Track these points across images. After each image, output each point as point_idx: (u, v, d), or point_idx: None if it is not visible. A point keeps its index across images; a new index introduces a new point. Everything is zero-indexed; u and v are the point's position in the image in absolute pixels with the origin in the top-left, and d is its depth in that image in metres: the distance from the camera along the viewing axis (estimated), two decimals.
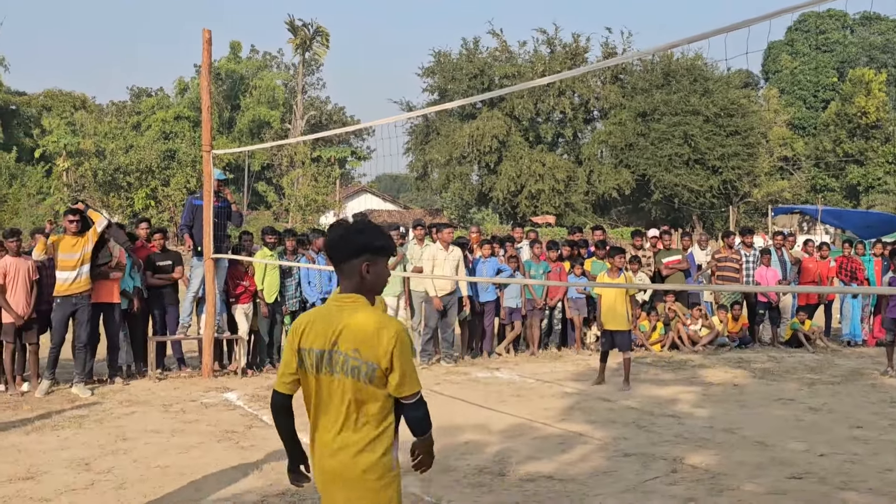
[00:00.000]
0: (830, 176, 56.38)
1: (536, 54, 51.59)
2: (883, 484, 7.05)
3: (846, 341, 15.97)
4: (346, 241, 3.67)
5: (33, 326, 11.32)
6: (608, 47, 50.25)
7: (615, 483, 7.08)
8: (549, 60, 50.18)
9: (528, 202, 48.64)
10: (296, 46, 55.97)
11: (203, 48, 12.44)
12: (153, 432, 8.92)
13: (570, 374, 12.63)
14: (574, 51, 50.73)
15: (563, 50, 50.93)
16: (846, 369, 13.17)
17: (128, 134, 48.48)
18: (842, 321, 16.45)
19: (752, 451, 8.15)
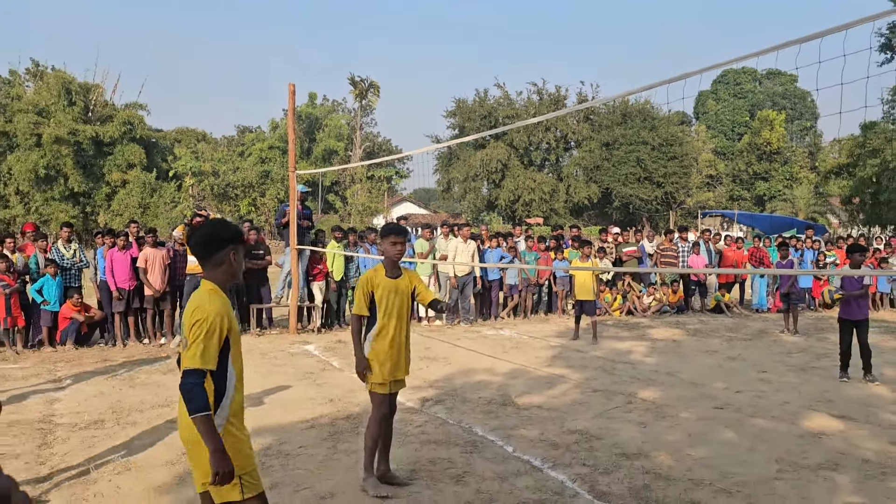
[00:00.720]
0: (744, 189, 55.89)
1: (529, 100, 51.37)
2: (783, 412, 7.00)
3: (755, 309, 15.85)
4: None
5: (167, 297, 11.42)
6: (581, 95, 49.97)
7: (587, 411, 7.07)
8: (539, 105, 50.02)
9: (524, 208, 48.64)
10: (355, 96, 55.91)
11: (289, 97, 12.45)
12: (254, 373, 8.96)
13: (554, 332, 12.61)
14: (556, 98, 50.51)
15: (548, 97, 50.70)
16: (755, 329, 13.07)
17: (235, 159, 48.61)
18: (752, 294, 16.34)
19: (687, 388, 8.11)
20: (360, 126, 56.66)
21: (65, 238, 11.46)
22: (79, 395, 7.80)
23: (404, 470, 5.33)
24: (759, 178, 55.08)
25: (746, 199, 54.89)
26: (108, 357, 10.13)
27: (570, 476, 5.22)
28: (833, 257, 16.32)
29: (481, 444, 5.97)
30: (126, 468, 5.44)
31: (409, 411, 7.08)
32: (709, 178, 56.85)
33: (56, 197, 43.07)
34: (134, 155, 44.43)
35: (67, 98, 44.09)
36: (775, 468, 5.37)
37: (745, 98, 68.33)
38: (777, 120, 54.20)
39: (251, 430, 6.36)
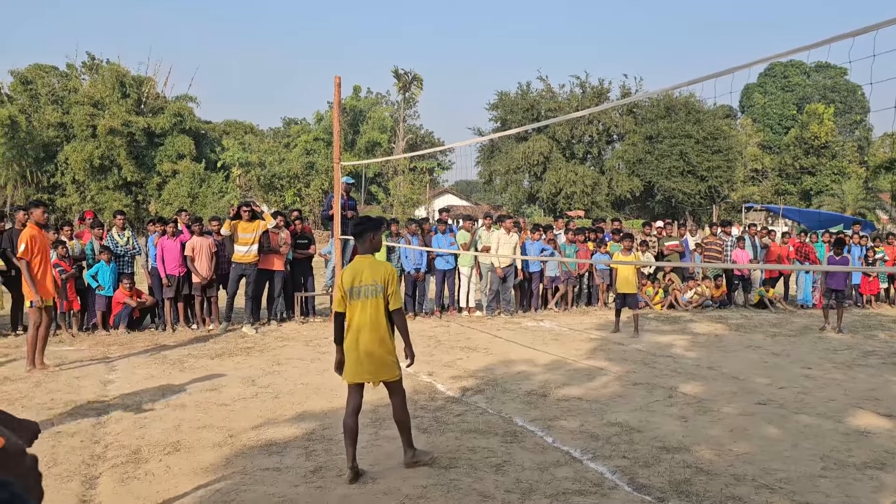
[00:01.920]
0: (790, 183, 54.69)
1: (572, 94, 50.88)
2: (827, 410, 6.85)
3: (800, 305, 15.51)
4: None
5: (214, 284, 11.62)
6: (624, 88, 49.37)
7: (627, 404, 7.01)
8: (581, 98, 49.54)
9: (565, 200, 48.26)
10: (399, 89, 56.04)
11: (335, 89, 12.51)
12: (298, 360, 9.09)
13: (595, 325, 12.50)
14: (599, 91, 49.94)
15: (591, 90, 50.17)
16: (800, 325, 12.79)
17: (281, 150, 49.15)
18: (797, 290, 15.99)
19: (729, 383, 7.98)
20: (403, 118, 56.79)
21: (118, 226, 11.74)
22: (130, 378, 8.00)
23: (444, 458, 5.36)
24: (806, 173, 53.83)
25: (792, 193, 53.70)
26: (158, 341, 10.36)
27: (610, 468, 5.18)
28: (882, 253, 15.87)
29: (521, 434, 5.96)
30: (175, 449, 5.56)
31: (450, 400, 7.10)
32: (754, 172, 55.74)
33: (110, 186, 44.14)
34: (184, 146, 45.26)
35: (121, 91, 45.09)
36: (819, 465, 5.26)
37: (792, 91, 66.72)
38: (826, 113, 52.85)
39: (295, 414, 6.48)
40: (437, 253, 13.03)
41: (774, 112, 64.70)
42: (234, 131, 51.71)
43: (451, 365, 8.87)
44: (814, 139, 52.70)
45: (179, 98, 48.47)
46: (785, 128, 62.21)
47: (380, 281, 4.95)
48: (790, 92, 66.76)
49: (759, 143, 58.32)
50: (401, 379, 5.16)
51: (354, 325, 5.00)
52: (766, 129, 62.66)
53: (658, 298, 14.89)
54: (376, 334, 4.96)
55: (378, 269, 5.01)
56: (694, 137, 47.05)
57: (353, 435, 4.99)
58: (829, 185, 51.44)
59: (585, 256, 14.30)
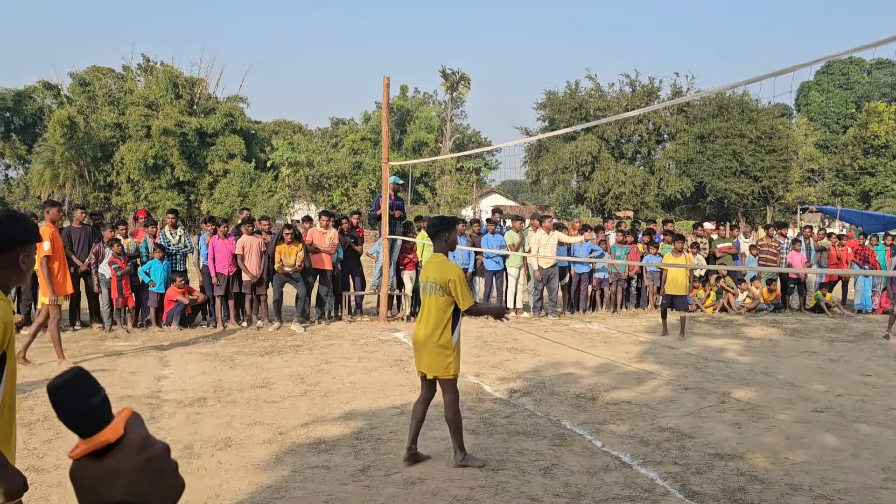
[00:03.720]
0: (847, 184, 53.16)
1: (622, 93, 50.23)
2: (888, 419, 6.63)
3: (858, 310, 15.05)
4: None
5: (263, 283, 11.80)
6: (675, 87, 48.61)
7: (678, 409, 6.90)
8: (631, 97, 48.93)
9: (613, 201, 47.72)
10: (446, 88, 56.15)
11: (383, 90, 12.61)
12: (346, 359, 9.17)
13: (644, 327, 12.34)
14: (649, 90, 49.27)
15: (641, 89, 49.49)
16: (858, 331, 12.42)
17: (329, 150, 49.67)
18: (855, 294, 15.53)
19: (784, 390, 7.79)
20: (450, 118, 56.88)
21: (171, 224, 12.00)
22: (183, 374, 8.17)
23: (493, 460, 5.34)
24: (865, 173, 52.23)
25: (850, 194, 52.16)
26: (209, 338, 10.56)
27: (661, 474, 5.10)
28: None
29: (570, 438, 5.91)
30: (227, 445, 5.66)
31: (498, 402, 7.08)
32: (810, 172, 54.34)
33: (163, 185, 45.19)
34: (234, 146, 46.06)
35: (174, 92, 46.11)
36: (881, 477, 5.09)
37: (851, 89, 64.85)
38: (886, 112, 51.21)
39: (343, 413, 6.54)
40: (485, 254, 13.01)
41: (832, 110, 62.95)
42: (283, 131, 52.50)
43: (499, 366, 8.84)
44: (874, 138, 51.11)
45: (230, 98, 49.34)
46: (843, 127, 60.48)
47: (440, 280, 5.05)
48: (849, 90, 64.91)
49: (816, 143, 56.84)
50: (453, 379, 5.17)
51: (419, 317, 5.29)
52: (824, 128, 61.01)
53: (710, 301, 14.63)
54: (427, 329, 5.11)
55: (442, 268, 5.11)
56: (748, 137, 46.04)
57: (417, 418, 5.26)
58: (890, 185, 49.85)
59: (635, 258, 14.12)
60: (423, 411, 5.27)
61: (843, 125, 60.85)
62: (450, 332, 5.09)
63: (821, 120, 61.98)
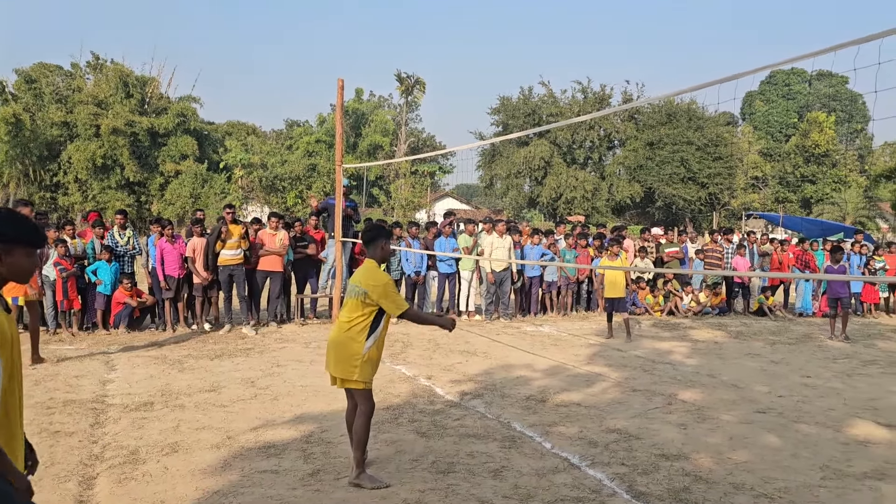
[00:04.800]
0: (790, 191, 54.68)
1: (574, 99, 50.94)
2: (827, 419, 6.82)
3: (799, 313, 15.47)
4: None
5: (215, 285, 11.59)
6: (626, 94, 49.41)
7: (626, 410, 6.98)
8: (583, 103, 49.58)
9: (565, 205, 48.29)
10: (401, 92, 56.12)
11: (338, 92, 12.50)
12: (297, 361, 9.06)
13: (594, 330, 12.47)
14: (601, 96, 50.00)
15: (593, 96, 50.21)
16: (799, 334, 12.76)
17: (283, 152, 49.18)
18: (796, 298, 15.96)
19: (728, 391, 7.95)
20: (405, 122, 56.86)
21: (119, 225, 11.70)
22: (130, 377, 7.97)
23: (443, 462, 5.33)
24: (807, 181, 53.83)
25: (792, 201, 53.68)
26: (158, 341, 10.33)
27: (609, 475, 5.15)
28: (882, 262, 15.84)
29: (520, 440, 5.93)
30: (174, 450, 5.53)
31: (449, 405, 7.07)
32: (754, 179, 55.76)
33: (112, 186, 44.13)
34: (187, 146, 45.25)
35: (125, 90, 45.11)
36: (819, 475, 5.23)
37: (793, 99, 66.79)
38: (827, 122, 52.86)
39: (293, 416, 6.45)
40: (438, 257, 13.00)
41: (775, 120, 64.74)
42: (236, 132, 51.73)
43: (451, 369, 8.84)
44: (814, 147, 52.73)
45: (183, 98, 48.45)
46: (786, 136, 62.24)
47: (363, 285, 4.86)
48: (791, 100, 66.84)
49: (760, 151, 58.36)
50: (364, 390, 4.95)
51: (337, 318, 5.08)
52: (767, 136, 62.68)
53: (658, 306, 14.86)
54: (340, 331, 4.92)
55: (370, 275, 4.91)
56: (695, 144, 47.07)
57: (348, 424, 5.11)
58: (830, 193, 51.45)
59: (586, 262, 14.27)
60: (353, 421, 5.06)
61: (785, 134, 62.63)
62: (364, 339, 4.86)
63: (764, 129, 63.69)
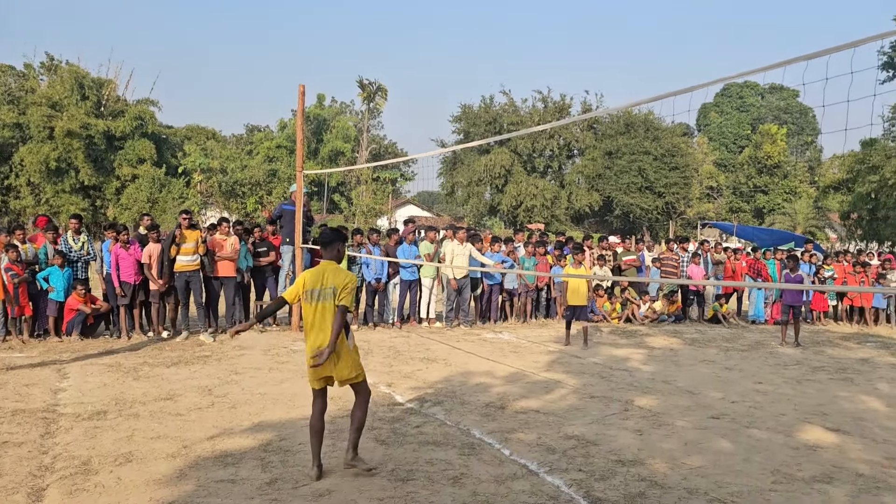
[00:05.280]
0: (743, 201, 55.86)
1: (534, 108, 51.37)
2: (778, 424, 6.97)
3: (752, 320, 15.79)
4: None
5: (172, 292, 11.40)
6: (585, 104, 50.04)
7: (584, 417, 7.04)
8: (543, 113, 50.04)
9: (525, 213, 48.62)
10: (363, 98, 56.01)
11: (299, 98, 12.45)
12: (256, 369, 8.95)
13: (553, 337, 12.56)
14: (561, 106, 50.53)
15: (553, 105, 50.71)
16: (752, 341, 13.02)
17: (243, 157, 48.67)
18: (749, 306, 16.28)
19: (683, 397, 8.08)
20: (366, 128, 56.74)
21: (74, 230, 11.43)
22: (83, 386, 7.78)
23: (403, 470, 5.31)
24: (759, 191, 55.07)
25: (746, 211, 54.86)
26: (112, 348, 10.11)
27: (567, 481, 5.19)
28: (831, 271, 16.28)
29: (479, 447, 5.94)
30: (127, 460, 5.41)
31: (408, 412, 7.05)
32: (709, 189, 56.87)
33: (66, 189, 43.13)
34: (144, 150, 44.46)
35: (80, 92, 44.16)
36: (770, 480, 5.33)
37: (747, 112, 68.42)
38: (779, 134, 54.19)
39: (251, 424, 6.36)
40: (401, 264, 12.98)
41: (730, 131, 66.21)
42: (196, 136, 51.06)
43: (411, 376, 8.82)
44: (767, 159, 53.98)
45: (141, 102, 47.64)
46: (739, 147, 63.68)
47: (338, 285, 5.10)
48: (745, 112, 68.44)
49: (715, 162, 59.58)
50: (363, 381, 5.28)
51: (315, 326, 5.14)
52: (722, 147, 64.07)
53: (615, 313, 15.04)
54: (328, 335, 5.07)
55: (340, 275, 5.18)
56: (652, 154, 47.88)
57: (319, 435, 5.20)
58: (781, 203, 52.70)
59: (545, 269, 14.38)
60: (322, 424, 5.23)
61: (739, 145, 64.10)
62: (346, 337, 5.16)
63: (719, 140, 65.10)
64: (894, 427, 6.96)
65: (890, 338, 14.15)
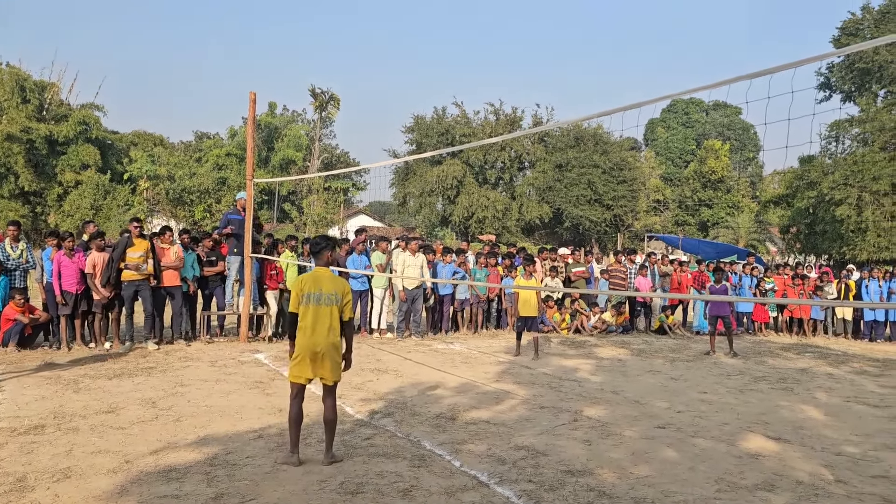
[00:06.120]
0: (689, 214, 57.05)
1: (486, 120, 51.66)
2: (722, 433, 7.10)
3: (696, 331, 16.12)
4: None
5: (115, 303, 11.10)
6: (536, 117, 50.53)
7: (534, 427, 7.07)
8: (495, 125, 50.39)
9: (477, 224, 48.79)
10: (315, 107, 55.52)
11: (250, 105, 12.30)
12: (203, 381, 8.76)
13: (503, 348, 12.62)
14: (512, 119, 50.94)
15: (504, 118, 51.11)
16: (696, 351, 13.28)
17: (192, 164, 47.74)
18: (694, 317, 16.62)
19: (631, 407, 8.18)
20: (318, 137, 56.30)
21: (12, 237, 11.04)
22: (19, 399, 7.50)
23: (352, 483, 5.24)
24: (704, 205, 56.30)
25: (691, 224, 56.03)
26: (52, 360, 9.78)
27: (517, 492, 5.19)
28: (771, 284, 16.73)
29: (429, 458, 5.91)
30: (66, 476, 5.22)
31: (359, 423, 6.98)
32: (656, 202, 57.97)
33: (5, 195, 41.65)
34: (88, 156, 43.25)
35: (21, 95, 42.76)
36: (714, 488, 5.43)
37: (692, 127, 70.03)
38: (722, 150, 55.58)
39: (197, 438, 6.21)
40: (351, 274, 12.89)
41: (675, 146, 67.72)
42: (142, 143, 49.81)
43: (361, 387, 8.74)
44: (711, 173, 55.25)
45: (85, 106, 46.32)
46: (685, 161, 65.15)
47: (339, 293, 5.71)
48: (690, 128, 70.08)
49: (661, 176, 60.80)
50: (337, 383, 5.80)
51: (310, 327, 5.61)
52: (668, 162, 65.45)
53: (564, 324, 15.19)
54: (332, 337, 5.64)
55: (338, 282, 5.79)
56: (601, 167, 48.58)
57: (299, 425, 5.68)
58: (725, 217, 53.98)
59: (496, 280, 14.46)
60: (302, 415, 5.72)
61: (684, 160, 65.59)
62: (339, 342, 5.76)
63: (665, 154, 66.51)
64: (832, 435, 7.17)
65: (827, 348, 14.60)
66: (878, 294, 16.07)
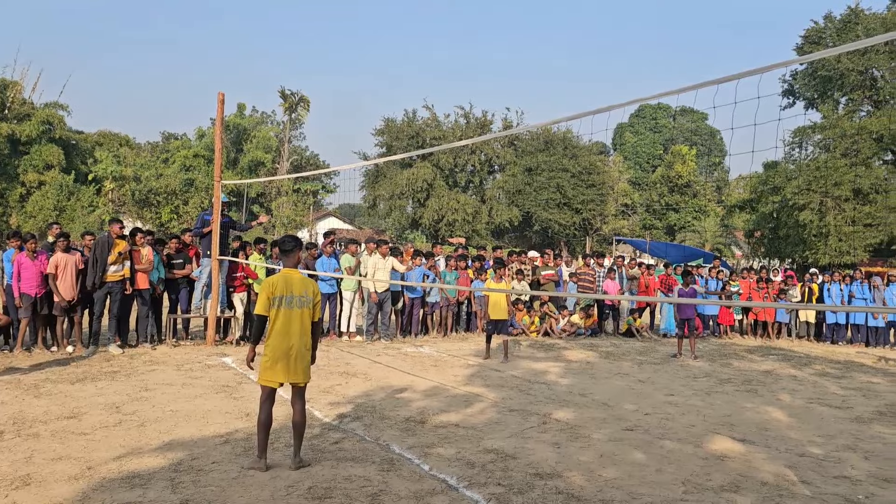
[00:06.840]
0: (656, 218, 57.73)
1: (456, 123, 51.73)
2: (688, 435, 7.17)
3: (664, 334, 16.28)
4: None
5: (78, 306, 10.89)
6: (506, 121, 50.74)
7: (503, 430, 7.07)
8: (465, 128, 50.48)
9: (447, 227, 48.82)
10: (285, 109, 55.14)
11: (218, 106, 12.16)
12: (168, 385, 8.62)
13: (473, 351, 12.62)
14: (482, 122, 51.09)
15: (475, 121, 51.24)
16: (664, 354, 13.41)
17: (158, 165, 47.07)
18: (661, 320, 16.78)
19: (599, 410, 8.22)
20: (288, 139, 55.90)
21: None
22: None
23: (320, 487, 5.19)
24: (671, 209, 57.03)
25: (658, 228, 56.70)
26: (11, 364, 9.55)
27: (486, 495, 5.18)
28: (737, 287, 16.96)
29: (398, 462, 5.88)
30: (25, 483, 5.09)
31: (327, 427, 6.92)
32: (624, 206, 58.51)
33: None
34: (52, 156, 42.44)
35: None
36: (681, 490, 5.47)
37: (660, 132, 70.86)
38: (689, 155, 56.33)
39: (161, 443, 6.10)
40: (320, 277, 12.79)
41: (643, 151, 68.46)
42: (108, 143, 48.99)
43: (330, 391, 8.67)
44: (678, 178, 56.00)
45: (49, 105, 45.45)
46: (652, 166, 65.86)
47: (310, 294, 5.68)
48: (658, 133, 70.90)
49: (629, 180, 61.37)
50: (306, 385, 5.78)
51: (281, 330, 5.56)
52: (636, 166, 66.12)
53: (534, 327, 15.24)
54: (305, 339, 5.63)
55: (308, 283, 5.75)
56: (570, 171, 48.90)
57: (268, 430, 5.60)
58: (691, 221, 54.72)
59: (465, 283, 14.46)
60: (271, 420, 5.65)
61: (652, 165, 66.30)
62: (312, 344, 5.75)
63: (633, 159, 67.19)
64: (796, 437, 7.28)
65: (791, 350, 14.84)
66: (839, 297, 16.40)
